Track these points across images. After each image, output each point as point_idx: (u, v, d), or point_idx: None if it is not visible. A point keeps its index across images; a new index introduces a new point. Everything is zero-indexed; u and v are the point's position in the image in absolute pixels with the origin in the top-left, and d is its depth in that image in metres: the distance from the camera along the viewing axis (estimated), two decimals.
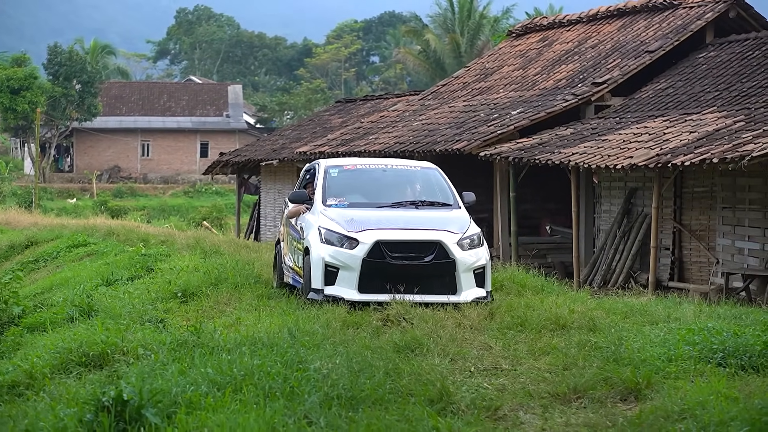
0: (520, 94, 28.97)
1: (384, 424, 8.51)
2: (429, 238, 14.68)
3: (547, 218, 28.25)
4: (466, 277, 14.73)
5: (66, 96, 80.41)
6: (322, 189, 15.81)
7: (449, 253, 14.64)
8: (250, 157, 39.18)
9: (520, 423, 9.05)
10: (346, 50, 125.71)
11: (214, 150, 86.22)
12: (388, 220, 14.95)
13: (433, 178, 16.31)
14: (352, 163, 16.76)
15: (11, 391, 11.40)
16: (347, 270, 14.56)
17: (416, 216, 15.16)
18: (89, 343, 12.05)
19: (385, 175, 16.42)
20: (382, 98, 40.24)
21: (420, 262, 14.60)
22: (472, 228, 15.15)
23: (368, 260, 14.50)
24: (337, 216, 15.05)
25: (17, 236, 31.77)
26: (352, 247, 14.56)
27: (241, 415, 8.78)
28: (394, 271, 14.54)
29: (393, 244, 14.58)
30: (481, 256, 14.93)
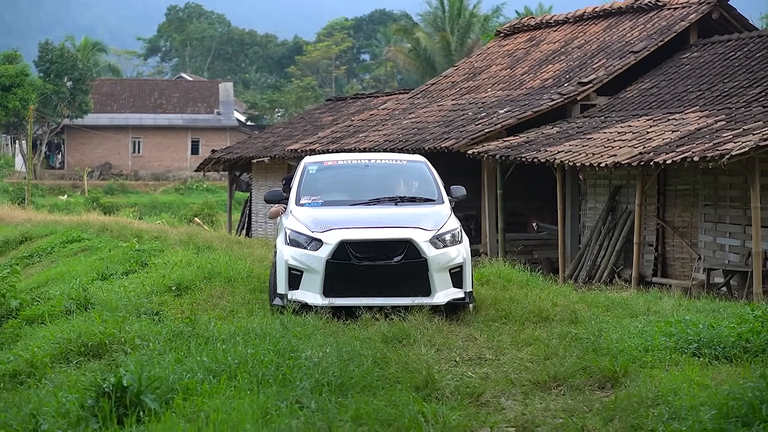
0: (507, 94, 29.42)
1: (372, 408, 8.92)
2: (397, 236, 13.75)
3: (534, 215, 28.70)
4: (441, 277, 13.77)
5: (57, 93, 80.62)
6: (297, 187, 15.16)
7: (420, 252, 13.68)
8: (241, 155, 39.57)
9: (501, 408, 9.45)
10: (336, 48, 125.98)
11: (205, 147, 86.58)
12: (359, 218, 14.15)
13: (419, 172, 15.52)
14: (333, 159, 16.10)
15: (13, 379, 11.81)
16: (311, 273, 13.69)
17: (391, 213, 14.32)
18: (88, 334, 12.47)
19: (367, 171, 15.71)
20: (372, 97, 40.68)
21: (388, 262, 13.65)
22: (449, 224, 14.20)
23: (332, 262, 13.63)
24: (306, 216, 14.28)
25: (11, 232, 32.09)
26: (316, 249, 13.71)
27: (236, 400, 9.20)
28: (361, 273, 13.64)
29: (358, 244, 13.69)
30: (458, 254, 13.95)
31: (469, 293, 14.02)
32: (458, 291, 13.91)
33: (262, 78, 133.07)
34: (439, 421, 8.76)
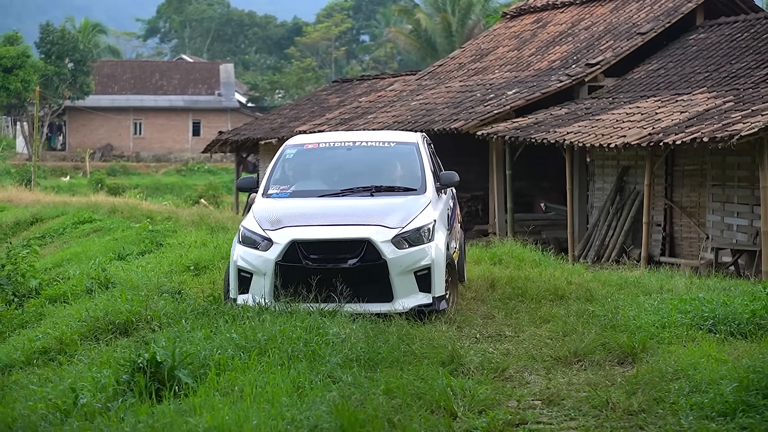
0: (515, 75, 29.63)
1: (402, 382, 9.17)
2: (354, 235, 12.32)
3: (541, 196, 28.94)
4: (403, 281, 12.28)
5: (58, 75, 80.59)
6: (268, 175, 13.83)
7: (380, 253, 12.23)
8: (249, 136, 39.76)
9: (525, 383, 9.70)
10: (336, 29, 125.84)
11: (206, 129, 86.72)
12: (320, 213, 12.79)
13: (406, 156, 14.02)
14: (315, 141, 14.47)
15: (43, 356, 12.07)
16: (260, 276, 12.39)
17: (357, 207, 12.92)
18: (114, 312, 12.71)
19: (349, 155, 14.21)
20: (379, 78, 40.88)
21: (342, 265, 12.25)
22: (420, 218, 12.67)
23: (282, 264, 12.29)
24: (265, 210, 13.02)
25: (22, 213, 32.32)
26: (266, 249, 12.41)
27: (269, 375, 9.45)
28: (314, 277, 12.17)
29: (311, 244, 12.34)
30: (425, 255, 12.39)
31: (439, 298, 12.42)
32: (425, 296, 12.36)
33: (261, 59, 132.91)
34: (467, 395, 9.01)
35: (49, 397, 9.75)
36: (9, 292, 17.19)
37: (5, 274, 17.54)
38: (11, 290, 17.22)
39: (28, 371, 11.56)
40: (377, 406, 8.49)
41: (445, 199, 13.99)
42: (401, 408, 8.59)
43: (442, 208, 13.45)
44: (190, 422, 8.39)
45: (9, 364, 11.94)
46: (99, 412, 9.15)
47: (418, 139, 14.43)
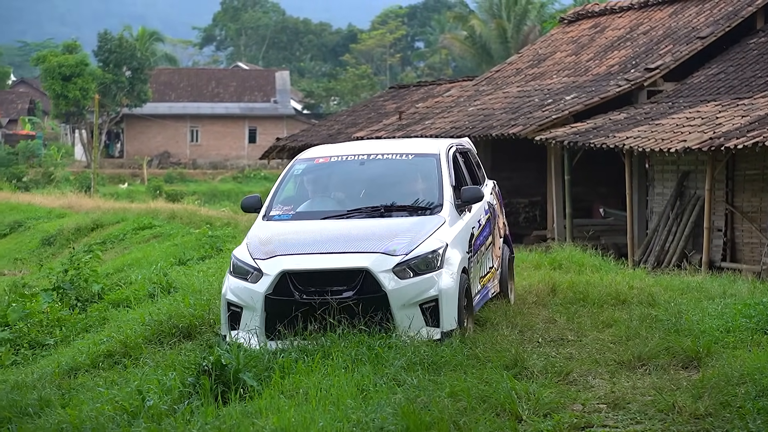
0: (573, 80, 29.56)
1: (466, 385, 9.19)
2: (350, 264, 11.01)
3: (600, 201, 28.83)
4: (407, 314, 10.92)
5: (116, 82, 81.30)
6: (272, 195, 12.59)
7: (380, 284, 10.90)
8: (306, 142, 39.82)
9: (590, 386, 9.68)
10: (391, 36, 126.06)
11: (262, 136, 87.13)
12: (318, 238, 11.48)
13: (426, 170, 12.61)
14: (327, 155, 13.09)
15: (108, 359, 12.19)
16: (250, 310, 11.16)
17: (359, 230, 11.55)
18: (177, 316, 12.81)
19: (361, 171, 12.81)
20: (436, 84, 40.90)
21: (338, 298, 10.90)
22: (429, 243, 11.28)
23: (272, 298, 11.03)
24: (261, 235, 11.81)
25: (82, 219, 32.66)
26: (256, 281, 11.18)
27: (333, 378, 9.51)
28: (307, 312, 10.92)
29: (303, 275, 11.05)
30: (432, 285, 11.01)
31: (449, 333, 11.00)
32: (433, 331, 10.96)
33: (316, 66, 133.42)
34: (532, 398, 9.01)
35: (116, 399, 9.88)
36: (72, 296, 17.37)
37: (68, 279, 17.72)
38: (75, 295, 17.40)
39: (94, 374, 11.70)
40: (442, 409, 8.52)
41: (470, 217, 12.53)
42: (466, 411, 8.62)
43: (462, 227, 12.02)
44: (256, 424, 8.46)
45: (75, 367, 12.07)
46: (165, 414, 9.25)
47: (442, 149, 12.89)
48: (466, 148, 14.04)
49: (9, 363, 13.59)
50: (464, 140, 14.31)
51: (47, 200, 42.52)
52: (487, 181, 14.46)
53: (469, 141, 14.45)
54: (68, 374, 11.89)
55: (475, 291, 12.27)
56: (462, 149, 13.70)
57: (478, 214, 12.96)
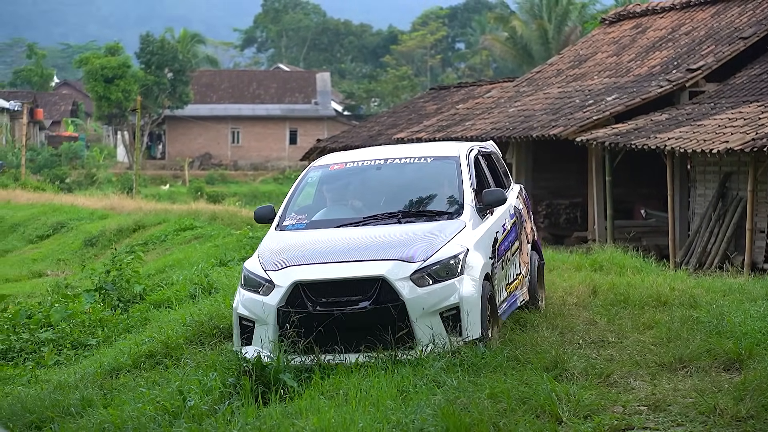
0: (614, 81, 29.46)
1: (506, 387, 9.18)
2: (365, 273, 10.52)
3: (641, 202, 28.72)
4: (428, 323, 10.40)
5: (158, 84, 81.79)
6: (286, 203, 12.10)
7: (397, 292, 10.41)
8: (347, 144, 39.91)
9: (630, 388, 9.63)
10: (431, 37, 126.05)
11: (303, 137, 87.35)
12: (333, 247, 10.99)
13: (444, 173, 12.16)
14: (342, 161, 12.68)
15: (149, 359, 12.26)
16: (262, 325, 10.68)
17: (375, 237, 11.08)
18: (218, 317, 12.86)
19: (378, 176, 12.38)
20: (476, 85, 40.85)
21: (354, 308, 10.44)
22: (448, 248, 10.78)
23: (285, 310, 10.53)
24: (273, 246, 11.32)
25: (124, 220, 32.85)
26: (268, 293, 10.72)
27: (373, 379, 9.54)
28: (321, 323, 10.43)
29: (316, 285, 10.57)
30: (453, 292, 10.51)
31: (471, 342, 10.46)
32: (454, 340, 10.43)
33: (357, 68, 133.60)
34: (572, 400, 8.98)
35: (157, 399, 9.96)
36: (114, 297, 17.50)
37: (111, 279, 17.85)
38: (116, 295, 17.53)
39: (135, 374, 11.77)
40: (482, 410, 8.52)
41: (493, 221, 11.97)
42: (506, 412, 8.62)
43: (484, 232, 11.48)
44: (296, 424, 8.51)
45: (116, 367, 12.14)
46: (206, 415, 9.32)
47: (462, 152, 12.40)
48: (490, 150, 13.48)
49: (52, 363, 13.70)
50: (488, 143, 13.79)
51: (90, 201, 42.81)
52: (513, 185, 13.89)
53: (493, 144, 13.91)
54: (110, 374, 11.97)
55: (500, 298, 11.73)
56: (485, 152, 13.18)
57: (503, 218, 12.39)
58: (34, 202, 43.86)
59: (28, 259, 32.22)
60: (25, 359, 14.12)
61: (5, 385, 12.41)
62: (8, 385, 12.39)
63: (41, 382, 12.10)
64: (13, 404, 9.87)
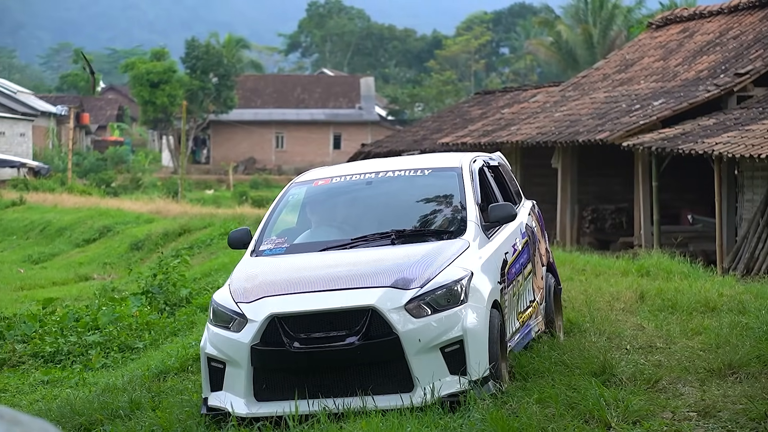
0: (661, 85, 29.30)
1: (554, 392, 9.15)
2: (352, 303, 9.09)
3: (687, 208, 28.57)
4: (426, 361, 9.00)
5: (203, 89, 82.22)
6: (263, 225, 10.65)
7: (390, 325, 9.01)
8: (391, 148, 40.03)
9: (679, 394, 9.56)
10: (476, 42, 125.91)
11: (347, 142, 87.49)
12: (315, 274, 9.51)
13: (443, 187, 10.78)
14: (327, 176, 11.21)
15: (197, 363, 12.29)
16: (234, 366, 9.26)
17: (364, 262, 9.63)
18: None
19: (368, 192, 10.95)
20: (521, 90, 40.81)
21: (339, 345, 9.02)
22: (449, 272, 9.36)
23: (259, 349, 9.14)
24: (246, 274, 9.85)
25: (170, 224, 33.06)
26: (239, 329, 9.28)
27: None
28: (303, 365, 9.10)
29: (295, 318, 9.15)
30: (456, 322, 9.10)
31: (479, 381, 9.01)
32: (458, 379, 9.02)
33: (401, 72, 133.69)
34: (620, 405, 8.92)
35: None
36: (161, 300, 17.60)
37: (157, 283, 17.96)
38: (163, 299, 17.63)
39: (183, 377, 11.82)
40: (531, 415, 8.49)
41: (502, 241, 10.56)
42: (554, 417, 8.58)
43: (491, 253, 10.05)
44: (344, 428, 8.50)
45: (164, 370, 12.20)
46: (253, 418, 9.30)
47: (464, 162, 10.99)
48: (497, 162, 12.11)
49: (99, 366, 13.79)
50: (496, 154, 12.46)
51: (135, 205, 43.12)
52: (524, 201, 12.47)
53: (501, 155, 12.62)
54: (158, 377, 12.02)
55: (511, 329, 10.31)
56: (491, 164, 11.82)
57: (513, 237, 10.95)
58: (80, 206, 44.23)
59: (75, 263, 32.47)
60: (72, 362, 14.22)
61: (54, 387, 12.51)
62: (56, 387, 12.48)
63: (89, 385, 12.18)
64: (62, 406, 9.93)
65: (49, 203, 46.20)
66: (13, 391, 12.51)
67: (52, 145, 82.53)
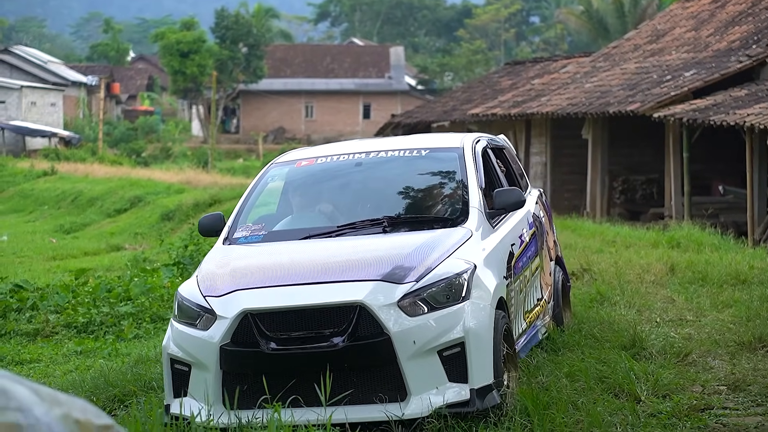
0: (693, 56, 29.14)
1: (584, 365, 9.19)
2: (338, 299, 7.89)
3: (718, 179, 28.44)
4: (421, 366, 7.80)
5: (233, 59, 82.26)
6: (238, 210, 9.53)
7: (381, 324, 7.79)
8: (421, 119, 39.95)
9: (709, 368, 9.59)
10: (505, 11, 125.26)
11: (376, 111, 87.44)
12: (295, 265, 8.31)
13: (445, 169, 9.62)
14: (311, 155, 10.07)
15: None
16: (200, 369, 8.09)
17: (352, 252, 8.43)
18: None
19: (358, 174, 9.79)
20: (552, 60, 40.59)
21: (322, 347, 7.81)
22: (448, 264, 8.17)
23: (230, 350, 7.94)
24: (216, 265, 8.70)
25: (200, 195, 33.20)
26: (207, 327, 8.09)
27: None
28: (280, 368, 7.86)
29: (272, 315, 7.93)
30: (457, 322, 7.88)
31: (482, 390, 7.82)
32: (458, 388, 7.82)
33: (430, 42, 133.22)
34: (650, 379, 8.95)
35: None
36: (192, 271, 17.67)
37: (188, 254, 18.05)
38: (194, 270, 17.68)
39: None
40: (561, 389, 8.52)
41: (508, 230, 9.48)
42: (584, 391, 8.61)
43: (496, 244, 8.96)
44: None
45: None
46: None
47: (466, 142, 9.85)
48: (502, 145, 11.10)
49: (131, 336, 13.89)
50: (500, 137, 11.53)
51: (166, 175, 43.31)
52: (531, 189, 11.43)
53: (505, 139, 11.65)
54: None
55: (518, 331, 9.24)
56: (495, 145, 10.78)
57: (520, 227, 9.91)
58: (111, 176, 44.48)
59: (106, 233, 32.67)
60: (105, 332, 14.32)
61: (87, 358, 12.61)
62: (89, 358, 12.58)
63: (122, 356, 12.28)
64: (96, 378, 10.01)
65: (81, 173, 46.47)
66: (47, 361, 12.62)
67: (83, 115, 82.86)
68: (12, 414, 2.93)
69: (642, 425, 7.76)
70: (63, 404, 3.12)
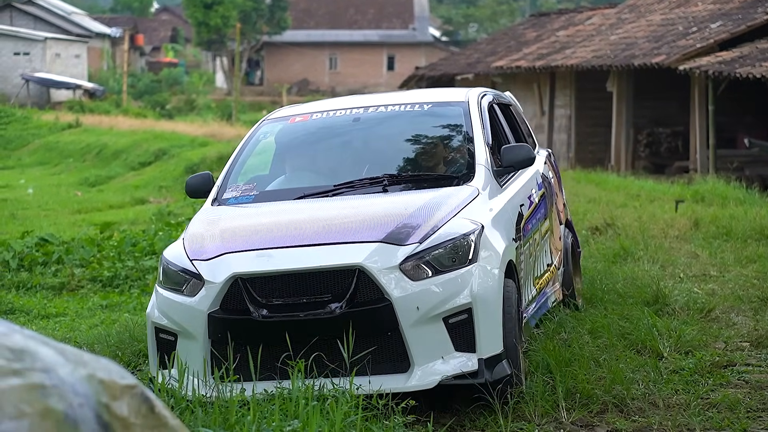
0: (719, 7, 28.91)
1: (606, 322, 9.18)
2: (335, 262, 7.20)
3: (744, 132, 28.29)
4: (426, 334, 7.13)
5: (256, 10, 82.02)
6: (227, 170, 8.87)
7: (382, 288, 7.11)
8: (444, 72, 39.84)
9: (732, 324, 9.57)
10: None
11: (400, 63, 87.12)
12: (286, 227, 7.63)
13: (449, 124, 9.00)
14: (306, 111, 9.37)
15: None
16: (187, 338, 7.45)
17: (350, 213, 7.72)
18: None
19: (356, 130, 9.07)
20: (577, 12, 40.33)
21: (318, 314, 7.13)
22: (454, 224, 7.48)
23: (219, 317, 7.30)
24: (204, 226, 8.00)
25: (225, 148, 33.21)
26: (194, 293, 7.44)
27: None
28: (273, 337, 7.14)
29: (263, 280, 7.27)
30: (463, 287, 7.20)
31: (491, 360, 7.16)
32: (465, 357, 7.16)
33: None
34: (673, 335, 8.93)
35: None
36: None
37: None
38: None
39: None
40: (583, 346, 8.51)
41: (517, 190, 8.78)
42: (607, 348, 8.59)
43: (504, 203, 8.26)
44: None
45: None
46: None
47: (471, 96, 9.19)
48: (508, 101, 10.44)
49: None
50: (506, 94, 10.88)
51: (190, 128, 43.32)
52: (539, 149, 10.69)
53: (511, 96, 10.99)
54: None
55: (527, 298, 8.60)
56: (502, 101, 10.12)
57: (529, 187, 9.22)
58: (135, 128, 44.54)
59: (131, 186, 32.78)
60: (130, 286, 14.40)
61: (112, 312, 12.69)
62: (115, 312, 12.66)
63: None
64: (121, 332, 10.06)
65: (105, 126, 46.55)
66: (72, 315, 12.71)
67: (107, 67, 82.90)
68: (37, 375, 2.96)
69: (664, 382, 7.75)
70: (87, 364, 3.14)
